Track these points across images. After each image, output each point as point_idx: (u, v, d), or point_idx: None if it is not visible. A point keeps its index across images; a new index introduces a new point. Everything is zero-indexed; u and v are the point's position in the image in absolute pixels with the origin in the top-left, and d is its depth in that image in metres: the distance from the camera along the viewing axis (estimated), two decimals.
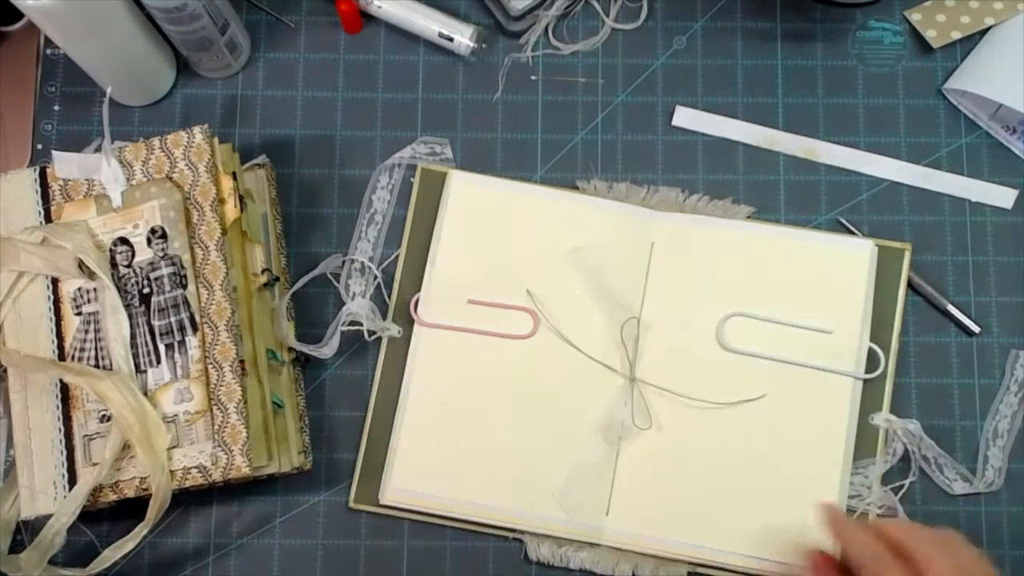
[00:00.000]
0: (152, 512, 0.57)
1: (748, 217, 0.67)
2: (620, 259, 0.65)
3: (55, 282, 0.61)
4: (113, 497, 0.58)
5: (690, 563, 0.62)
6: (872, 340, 0.63)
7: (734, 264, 0.65)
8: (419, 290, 0.65)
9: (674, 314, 0.65)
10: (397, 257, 0.67)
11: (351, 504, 0.64)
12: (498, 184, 0.67)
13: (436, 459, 0.63)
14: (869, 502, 0.62)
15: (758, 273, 0.65)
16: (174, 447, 0.57)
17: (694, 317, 0.64)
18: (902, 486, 0.62)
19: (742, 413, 0.63)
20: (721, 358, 0.64)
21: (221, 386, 0.58)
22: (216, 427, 0.57)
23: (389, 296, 0.66)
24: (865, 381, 0.63)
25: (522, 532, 0.62)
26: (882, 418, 0.61)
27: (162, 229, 0.60)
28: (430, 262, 0.66)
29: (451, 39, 0.69)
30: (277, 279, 0.64)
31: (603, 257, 0.65)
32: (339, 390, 0.66)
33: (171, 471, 0.57)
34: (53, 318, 0.60)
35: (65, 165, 0.62)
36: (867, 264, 0.64)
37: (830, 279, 0.64)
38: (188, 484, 0.57)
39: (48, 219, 0.61)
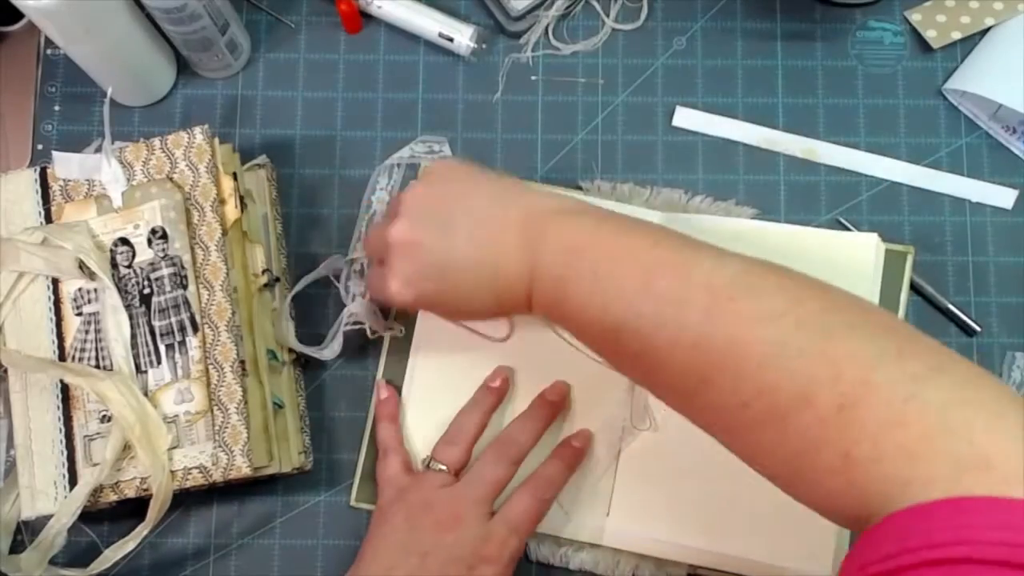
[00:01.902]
0: (153, 512, 0.57)
1: (751, 219, 0.67)
2: None
3: (55, 283, 0.61)
4: (114, 497, 0.58)
5: (691, 564, 0.62)
6: None
7: None
8: None
9: None
10: None
11: (352, 503, 0.64)
12: None
13: None
14: None
15: None
16: (175, 447, 0.58)
17: None
18: None
19: None
20: None
21: (222, 386, 0.58)
22: (217, 427, 0.57)
23: None
24: None
25: None
26: None
27: (163, 229, 0.60)
28: None
29: (451, 39, 0.69)
30: (278, 279, 0.64)
31: None
32: (339, 390, 0.66)
33: (172, 471, 0.57)
34: (53, 318, 0.60)
35: (65, 165, 0.62)
36: (873, 257, 0.64)
37: (836, 275, 0.64)
38: (189, 484, 0.57)
39: (48, 219, 0.61)
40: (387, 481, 0.61)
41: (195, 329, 0.58)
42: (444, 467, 0.59)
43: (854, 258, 0.64)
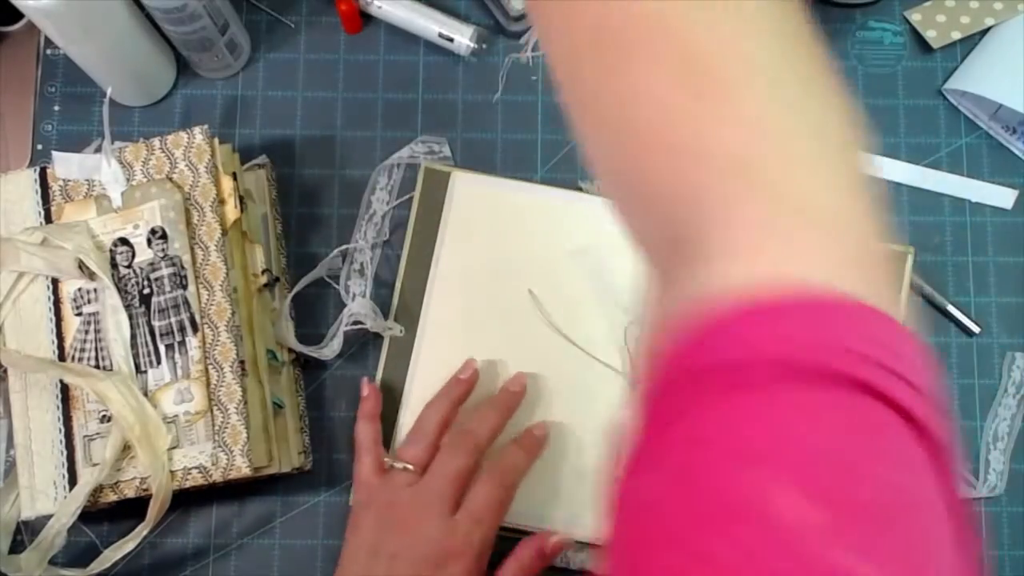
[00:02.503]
0: (152, 512, 0.57)
1: None
2: (624, 260, 0.65)
3: (55, 283, 0.61)
4: (113, 497, 0.58)
5: None
6: None
7: None
8: (422, 289, 0.66)
9: None
10: (398, 257, 0.67)
11: (352, 503, 0.64)
12: (502, 185, 0.67)
13: None
14: None
15: None
16: (174, 447, 0.58)
17: None
18: None
19: None
20: None
21: (221, 386, 0.58)
22: (216, 427, 0.57)
23: (390, 296, 0.66)
24: None
25: (523, 532, 0.62)
26: None
27: (162, 230, 0.60)
28: (434, 263, 0.66)
29: (451, 39, 0.68)
30: (277, 279, 0.64)
31: (607, 258, 0.65)
32: (339, 390, 0.66)
33: (171, 471, 0.57)
34: (53, 319, 0.60)
35: (65, 165, 0.62)
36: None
37: None
38: (188, 484, 0.57)
39: (48, 219, 0.61)
40: (359, 482, 0.60)
41: (195, 329, 0.58)
42: (410, 466, 0.59)
43: None
